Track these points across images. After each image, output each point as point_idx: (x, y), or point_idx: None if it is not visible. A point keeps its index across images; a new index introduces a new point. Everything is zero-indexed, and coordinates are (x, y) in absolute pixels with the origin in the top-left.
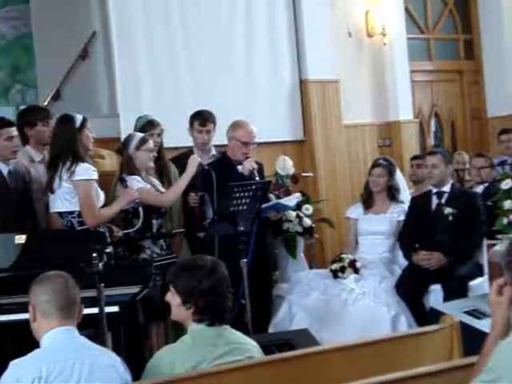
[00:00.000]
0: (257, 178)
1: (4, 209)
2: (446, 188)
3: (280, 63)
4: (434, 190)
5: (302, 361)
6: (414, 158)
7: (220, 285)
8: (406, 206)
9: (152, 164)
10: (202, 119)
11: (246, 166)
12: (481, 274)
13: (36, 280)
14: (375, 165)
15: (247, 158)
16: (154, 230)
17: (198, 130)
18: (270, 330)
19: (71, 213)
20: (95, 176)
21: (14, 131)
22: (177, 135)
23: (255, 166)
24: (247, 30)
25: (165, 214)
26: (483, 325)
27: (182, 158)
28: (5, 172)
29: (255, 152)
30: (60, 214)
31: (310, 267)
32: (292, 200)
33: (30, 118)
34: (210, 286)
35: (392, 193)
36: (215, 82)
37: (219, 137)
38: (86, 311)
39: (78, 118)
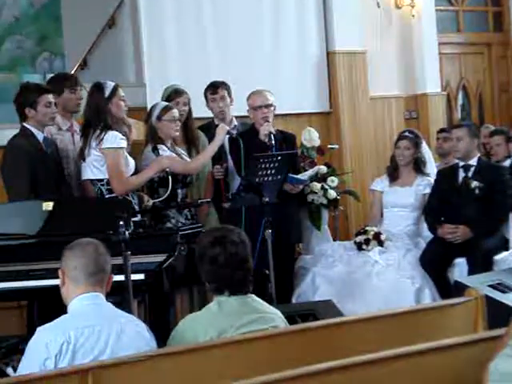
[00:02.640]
0: (273, 142)
1: (44, 175)
2: (473, 161)
3: (307, 35)
4: (461, 164)
5: (326, 331)
6: (441, 131)
7: (229, 257)
8: (431, 179)
9: (177, 133)
10: (212, 87)
11: (262, 131)
12: (506, 248)
13: (68, 246)
14: (401, 137)
15: (266, 121)
16: (179, 200)
17: (212, 98)
18: (294, 301)
19: (100, 180)
20: (123, 144)
21: (51, 97)
22: (203, 105)
23: (272, 130)
24: (274, 2)
25: (189, 184)
26: (508, 298)
27: (204, 128)
28: (40, 139)
29: (282, 123)
30: (91, 181)
31: (334, 239)
32: (306, 174)
33: (57, 85)
34: (215, 256)
35: (418, 165)
36: (242, 54)
37: (245, 108)
38: (113, 278)
39: (109, 86)
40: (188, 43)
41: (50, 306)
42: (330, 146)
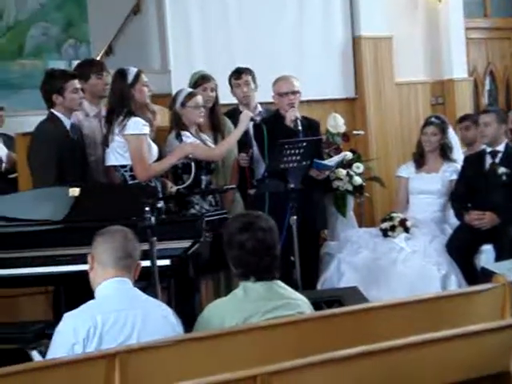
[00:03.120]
0: (299, 128)
1: (70, 162)
2: (501, 147)
3: (333, 19)
4: (488, 150)
5: (352, 317)
6: (461, 120)
7: (257, 243)
8: (458, 165)
9: (201, 120)
10: (236, 72)
11: (289, 116)
12: None
13: (99, 231)
14: (427, 123)
15: (291, 107)
16: (203, 186)
17: (236, 84)
18: (319, 287)
19: (123, 166)
20: (146, 130)
21: (77, 83)
22: (228, 91)
23: (298, 116)
24: None
25: (214, 171)
26: None
27: (229, 114)
28: (67, 125)
29: (306, 109)
30: (115, 167)
31: (360, 226)
32: (333, 160)
33: (84, 71)
34: (242, 242)
35: (444, 151)
36: (267, 39)
37: (270, 94)
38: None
39: (132, 72)
40: (213, 29)
41: (77, 292)
42: (355, 132)
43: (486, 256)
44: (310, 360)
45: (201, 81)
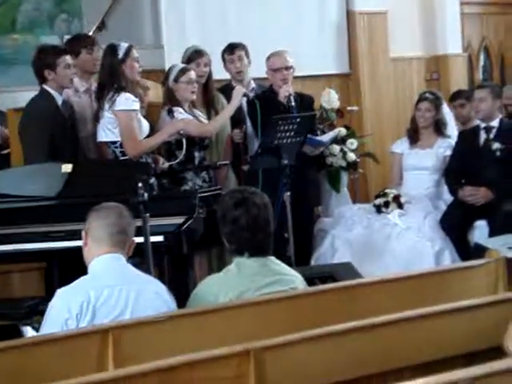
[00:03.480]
0: (292, 104)
1: (62, 139)
2: (495, 123)
3: None
4: (482, 125)
5: (346, 293)
6: (454, 97)
7: (251, 219)
8: (452, 141)
9: (194, 96)
10: (229, 48)
11: (282, 92)
12: None
13: (93, 208)
14: (422, 99)
15: (285, 83)
16: (196, 163)
17: (229, 59)
18: (312, 263)
19: (114, 143)
20: (136, 106)
21: (69, 59)
22: (221, 67)
23: (291, 92)
24: None
25: (207, 147)
26: None
27: (221, 90)
28: (59, 102)
29: (300, 85)
30: (106, 143)
31: (354, 202)
32: (327, 136)
33: (74, 47)
34: (237, 218)
35: (439, 127)
36: (261, 14)
37: (263, 70)
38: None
39: (123, 47)
40: (206, 3)
41: (70, 267)
42: (349, 108)
43: (479, 232)
44: (303, 335)
45: (194, 56)
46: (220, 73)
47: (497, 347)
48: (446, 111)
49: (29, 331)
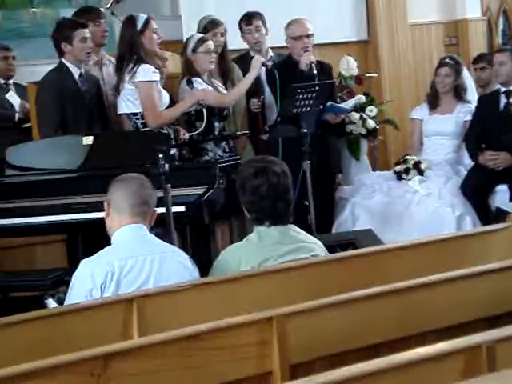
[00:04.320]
0: (315, 72)
1: (75, 112)
2: None
3: None
4: (503, 89)
5: (367, 259)
6: (476, 61)
7: (271, 187)
8: (472, 106)
9: (212, 66)
10: (246, 18)
11: (303, 60)
12: None
13: (115, 179)
14: (442, 64)
15: (306, 51)
16: (216, 133)
17: (246, 30)
18: (333, 231)
19: (135, 114)
20: (156, 77)
21: (86, 32)
22: (239, 37)
23: (313, 60)
24: None
25: (227, 117)
26: None
27: (240, 60)
28: (76, 75)
29: (318, 53)
30: (127, 115)
31: (374, 169)
32: (349, 103)
33: (81, 20)
34: (257, 187)
35: (459, 92)
36: None
37: (280, 38)
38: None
39: (141, 18)
40: None
41: (94, 239)
42: (368, 75)
43: (500, 196)
44: (325, 301)
45: (210, 26)
46: (236, 42)
47: None
48: (466, 76)
49: (51, 303)
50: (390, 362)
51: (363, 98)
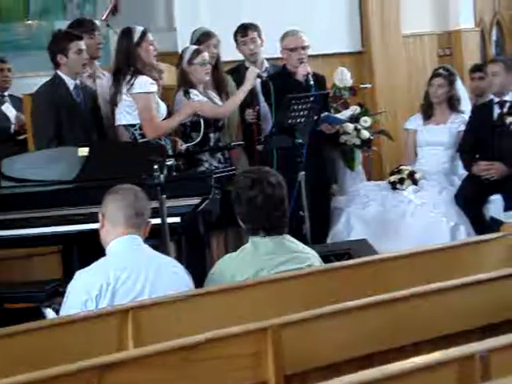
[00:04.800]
0: (311, 83)
1: (70, 123)
2: (509, 97)
3: None
4: (496, 99)
5: (362, 269)
6: (475, 70)
7: (266, 198)
8: (466, 117)
9: (208, 77)
10: (242, 29)
11: (300, 72)
12: None
13: (109, 190)
14: (435, 74)
15: (302, 63)
16: (212, 144)
17: (242, 41)
18: (328, 241)
19: (133, 126)
20: (154, 89)
21: (82, 44)
22: (234, 48)
23: (310, 71)
24: None
25: (222, 128)
26: None
27: (234, 71)
28: (71, 87)
29: (313, 64)
30: (124, 126)
31: (369, 179)
32: (345, 114)
33: (76, 32)
34: (252, 198)
35: (452, 103)
36: None
37: (274, 50)
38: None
39: (138, 30)
40: None
41: (89, 250)
42: (362, 86)
43: (494, 206)
44: (320, 312)
45: (203, 38)
46: (230, 54)
47: None
48: (460, 87)
49: (50, 313)
50: (384, 372)
51: (358, 109)
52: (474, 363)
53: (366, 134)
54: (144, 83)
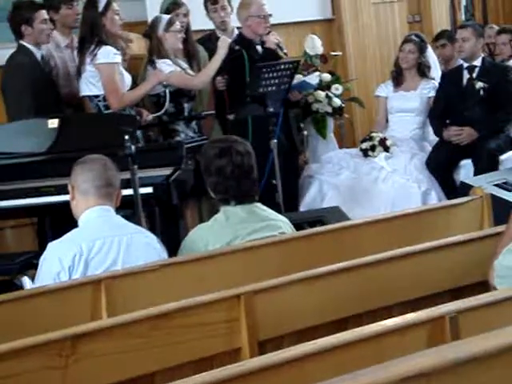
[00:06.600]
0: (285, 51)
1: (44, 93)
2: (477, 62)
3: None
4: (465, 65)
5: (334, 235)
6: (437, 38)
7: (235, 167)
8: (436, 83)
9: (181, 45)
10: None
11: (272, 40)
12: (511, 148)
13: (77, 161)
14: (406, 40)
15: (269, 32)
16: (186, 114)
17: (212, 9)
18: (302, 209)
19: (96, 96)
20: (117, 59)
21: (46, 14)
22: (203, 17)
23: (280, 39)
24: None
25: (195, 97)
26: None
27: (206, 40)
28: (39, 57)
29: (284, 32)
30: (89, 97)
31: (340, 147)
32: (313, 78)
33: (53, 2)
34: (221, 167)
35: (422, 69)
36: None
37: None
38: (122, 193)
39: (102, 0)
40: None
41: (62, 222)
42: (333, 54)
43: (465, 171)
44: (292, 278)
45: (172, 7)
46: (201, 24)
47: (482, 282)
48: (431, 55)
49: (27, 281)
50: (356, 335)
51: (327, 77)
52: (444, 324)
53: (337, 101)
54: (107, 53)
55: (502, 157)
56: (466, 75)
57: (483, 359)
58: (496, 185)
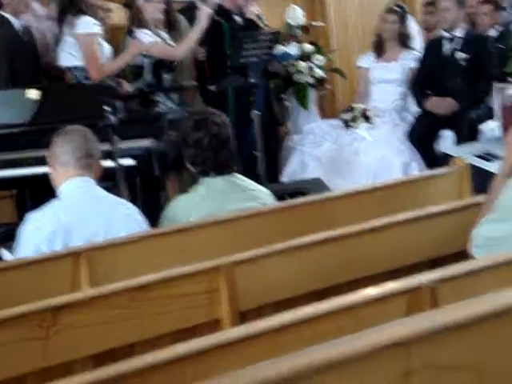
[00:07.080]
0: (265, 22)
1: (22, 63)
2: (459, 32)
3: None
4: (447, 35)
5: (314, 207)
6: (427, 4)
7: (212, 138)
8: (418, 53)
9: (161, 16)
10: None
11: (251, 10)
12: (490, 117)
13: (57, 132)
14: (387, 11)
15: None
16: (166, 84)
17: None
18: (284, 180)
19: (76, 67)
20: (97, 29)
21: None
22: None
23: (259, 10)
24: None
25: (175, 69)
26: (493, 167)
27: (186, 10)
28: (17, 27)
29: (265, 3)
30: (68, 68)
31: (322, 118)
32: (293, 49)
33: None
34: (198, 139)
35: (403, 40)
36: None
37: None
38: (103, 164)
39: None
40: None
41: (41, 193)
42: (314, 24)
43: (445, 141)
44: (272, 249)
45: None
46: None
47: (463, 251)
48: (412, 26)
49: (6, 253)
50: (334, 305)
51: (308, 47)
52: (422, 294)
53: (319, 72)
54: (86, 23)
55: (482, 127)
56: (446, 45)
57: (459, 328)
58: (476, 155)
